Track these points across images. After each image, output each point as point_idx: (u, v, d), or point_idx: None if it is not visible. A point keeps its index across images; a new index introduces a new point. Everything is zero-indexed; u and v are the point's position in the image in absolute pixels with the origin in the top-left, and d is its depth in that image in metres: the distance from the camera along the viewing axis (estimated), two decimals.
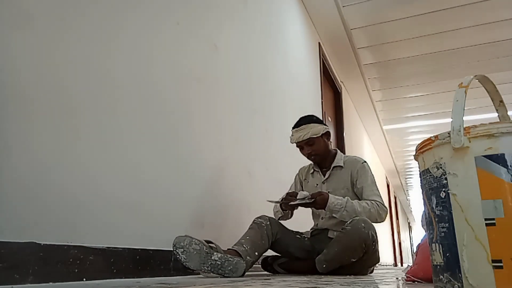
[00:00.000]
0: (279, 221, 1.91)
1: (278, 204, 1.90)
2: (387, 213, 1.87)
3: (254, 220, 1.77)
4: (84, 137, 1.16)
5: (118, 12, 1.35)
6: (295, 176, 2.19)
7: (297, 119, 2.05)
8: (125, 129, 1.33)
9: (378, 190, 1.92)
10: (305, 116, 2.04)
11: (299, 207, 1.85)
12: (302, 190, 2.13)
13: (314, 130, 1.94)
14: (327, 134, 2.00)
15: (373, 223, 1.75)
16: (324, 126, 1.98)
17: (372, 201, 1.83)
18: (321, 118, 2.08)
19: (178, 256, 1.37)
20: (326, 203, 1.75)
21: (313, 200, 1.74)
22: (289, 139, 2.02)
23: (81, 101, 1.16)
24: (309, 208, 2.08)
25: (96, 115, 1.21)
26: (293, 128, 2.01)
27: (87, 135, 1.17)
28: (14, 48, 0.98)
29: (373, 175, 1.99)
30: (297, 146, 2.02)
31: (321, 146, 1.98)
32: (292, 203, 1.77)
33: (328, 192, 1.96)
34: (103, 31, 1.28)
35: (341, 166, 2.00)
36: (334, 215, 1.80)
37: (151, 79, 1.49)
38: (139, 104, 1.41)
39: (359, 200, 1.89)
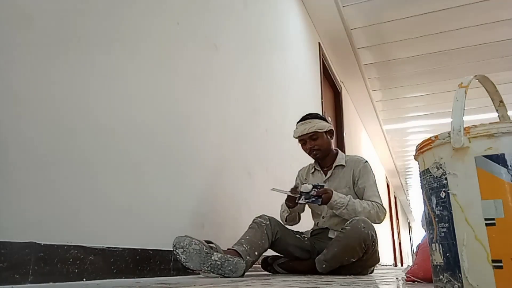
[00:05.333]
0: (286, 225, 1.93)
1: (284, 205, 1.92)
2: (385, 215, 1.89)
3: (254, 219, 1.76)
4: (84, 138, 1.16)
5: (117, 12, 1.35)
6: (296, 178, 2.19)
7: (298, 118, 2.07)
8: (124, 129, 1.33)
9: (378, 191, 1.94)
10: (311, 113, 2.08)
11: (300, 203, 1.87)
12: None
13: (319, 125, 1.97)
14: (331, 132, 2.03)
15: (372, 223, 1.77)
16: (329, 124, 2.02)
17: (373, 202, 1.85)
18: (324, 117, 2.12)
19: (178, 256, 1.37)
20: (329, 200, 1.77)
21: (320, 198, 1.76)
22: (291, 136, 2.05)
23: (80, 101, 1.16)
24: (310, 208, 2.10)
25: (95, 115, 1.21)
26: (298, 122, 2.04)
27: (87, 135, 1.17)
28: (13, 48, 0.97)
29: (374, 175, 2.00)
30: (299, 140, 2.03)
31: (324, 142, 2.00)
32: (299, 201, 1.78)
33: None
34: (102, 31, 1.27)
35: (343, 165, 2.00)
36: (334, 211, 1.81)
37: (150, 79, 1.49)
38: (138, 104, 1.41)
39: (359, 198, 1.92)
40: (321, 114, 2.13)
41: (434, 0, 3.73)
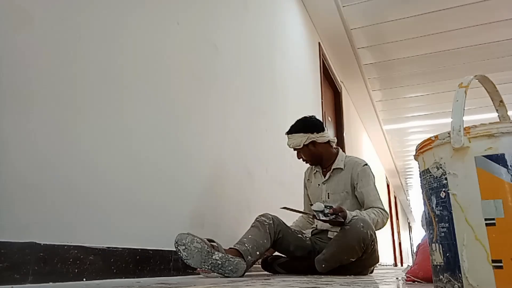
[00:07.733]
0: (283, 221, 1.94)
1: (310, 218, 1.95)
2: (388, 218, 1.91)
3: (257, 218, 1.76)
4: (84, 137, 1.16)
5: (118, 12, 1.35)
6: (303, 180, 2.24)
7: (297, 119, 2.08)
8: (125, 129, 1.33)
9: (379, 194, 1.94)
10: (298, 121, 2.05)
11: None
12: (307, 191, 2.16)
13: (295, 141, 1.99)
14: (313, 143, 2.00)
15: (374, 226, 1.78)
16: (308, 136, 1.97)
17: (377, 210, 1.86)
18: (316, 121, 2.05)
19: (179, 253, 1.37)
20: (346, 219, 1.71)
21: (336, 218, 1.69)
22: None
23: (81, 100, 1.16)
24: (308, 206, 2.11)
25: (95, 116, 1.21)
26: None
27: (88, 135, 1.17)
28: (15, 46, 0.97)
29: (374, 177, 1.99)
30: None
31: (306, 154, 2.03)
32: (321, 219, 1.70)
33: (328, 193, 1.99)
34: (104, 31, 1.27)
35: (341, 168, 2.00)
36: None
37: (151, 79, 1.49)
38: (138, 104, 1.41)
39: (359, 202, 1.95)
40: (311, 119, 2.04)
41: (434, 0, 3.73)
